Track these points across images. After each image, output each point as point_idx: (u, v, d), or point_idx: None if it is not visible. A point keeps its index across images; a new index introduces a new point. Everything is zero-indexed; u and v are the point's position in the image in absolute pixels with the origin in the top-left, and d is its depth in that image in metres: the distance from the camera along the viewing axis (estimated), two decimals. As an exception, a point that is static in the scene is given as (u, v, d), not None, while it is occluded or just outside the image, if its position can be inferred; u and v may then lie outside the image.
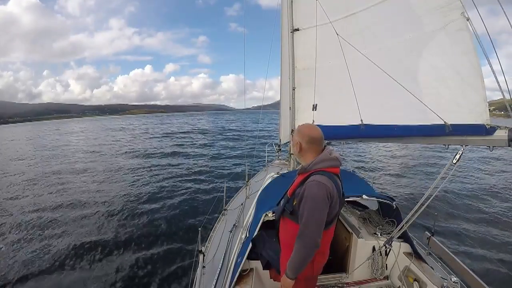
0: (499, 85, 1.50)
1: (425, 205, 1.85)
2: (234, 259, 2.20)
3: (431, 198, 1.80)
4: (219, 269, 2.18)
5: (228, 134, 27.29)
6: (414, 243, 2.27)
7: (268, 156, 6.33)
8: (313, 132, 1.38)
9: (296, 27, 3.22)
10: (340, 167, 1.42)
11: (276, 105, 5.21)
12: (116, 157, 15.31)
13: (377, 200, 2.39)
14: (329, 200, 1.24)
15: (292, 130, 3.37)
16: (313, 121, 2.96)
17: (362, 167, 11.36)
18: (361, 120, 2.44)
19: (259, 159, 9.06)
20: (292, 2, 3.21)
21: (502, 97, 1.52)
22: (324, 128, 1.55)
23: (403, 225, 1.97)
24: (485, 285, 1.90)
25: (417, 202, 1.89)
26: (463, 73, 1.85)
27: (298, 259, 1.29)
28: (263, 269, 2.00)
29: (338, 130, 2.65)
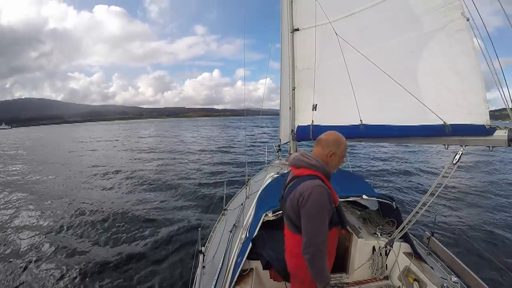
0: (499, 87, 1.50)
1: (426, 206, 1.85)
2: (234, 259, 2.20)
3: (432, 199, 1.80)
4: (219, 269, 2.18)
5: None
6: (414, 243, 2.27)
7: (268, 156, 6.33)
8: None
9: (296, 27, 3.21)
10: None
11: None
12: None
13: (377, 200, 2.39)
14: None
15: (292, 130, 3.36)
16: (313, 121, 2.95)
17: (362, 167, 11.36)
18: (361, 120, 2.43)
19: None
20: (292, 2, 3.21)
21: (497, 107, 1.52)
22: (324, 128, 1.55)
23: (404, 226, 1.97)
24: (485, 285, 1.90)
25: (418, 203, 1.89)
26: (463, 74, 1.84)
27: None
28: (263, 269, 2.00)
29: (337, 130, 2.63)
